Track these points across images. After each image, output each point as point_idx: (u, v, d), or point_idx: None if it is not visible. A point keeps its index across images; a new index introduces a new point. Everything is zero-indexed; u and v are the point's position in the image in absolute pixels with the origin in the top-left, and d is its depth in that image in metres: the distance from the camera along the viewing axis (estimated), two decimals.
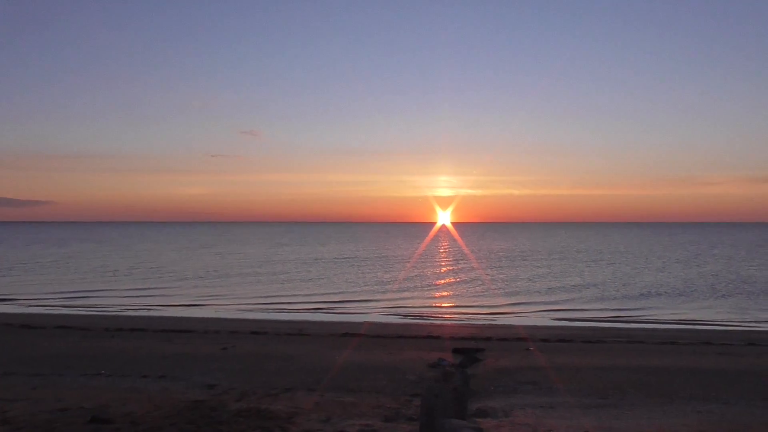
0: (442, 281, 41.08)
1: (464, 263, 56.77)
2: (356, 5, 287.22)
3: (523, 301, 30.97)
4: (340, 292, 34.14)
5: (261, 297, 32.06)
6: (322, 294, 33.49)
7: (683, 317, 25.68)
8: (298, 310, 27.48)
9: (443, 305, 30.13)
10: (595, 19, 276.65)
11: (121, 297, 31.81)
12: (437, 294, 34.40)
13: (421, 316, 25.79)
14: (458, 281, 40.76)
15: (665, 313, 26.95)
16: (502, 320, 24.47)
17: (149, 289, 35.45)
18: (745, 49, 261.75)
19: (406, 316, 25.92)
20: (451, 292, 35.07)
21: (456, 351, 14.64)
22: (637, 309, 28.12)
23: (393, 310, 27.44)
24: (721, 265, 53.23)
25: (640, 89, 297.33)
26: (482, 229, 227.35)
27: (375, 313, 26.61)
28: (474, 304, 30.04)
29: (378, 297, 32.03)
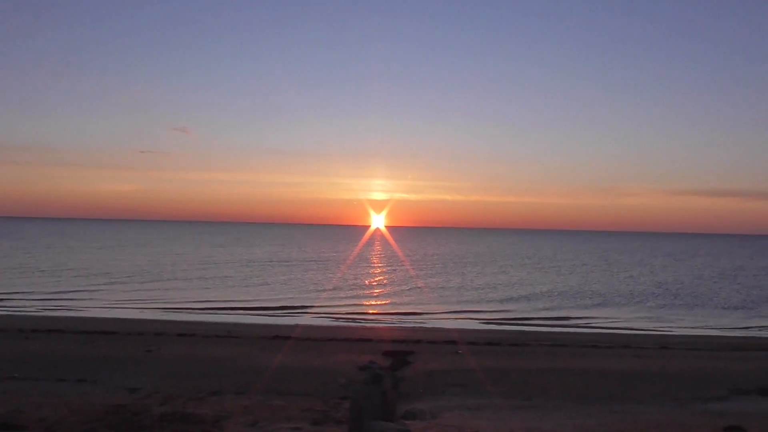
0: (375, 284, 41.25)
1: (397, 267, 57.21)
2: (292, 3, 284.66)
3: (454, 304, 31.51)
4: (272, 295, 33.69)
5: (190, 298, 31.20)
6: (254, 296, 32.94)
7: (603, 322, 26.82)
8: (228, 312, 26.93)
9: (375, 308, 30.24)
10: (526, 27, 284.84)
11: (40, 298, 30.14)
12: (370, 297, 34.51)
13: (353, 319, 25.80)
14: (391, 284, 41.03)
15: (587, 317, 28.06)
16: (432, 323, 24.80)
17: (72, 291, 33.46)
18: (662, 76, 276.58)
19: (338, 318, 25.87)
20: (383, 296, 35.27)
21: (386, 354, 14.73)
22: (561, 313, 29.15)
23: (325, 313, 27.33)
24: (639, 272, 55.95)
25: (568, 103, 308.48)
26: (416, 234, 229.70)
27: (307, 315, 26.43)
28: (405, 307, 30.31)
29: (310, 300, 31.81)
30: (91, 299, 30.07)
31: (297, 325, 21.86)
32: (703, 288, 42.81)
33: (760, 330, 25.59)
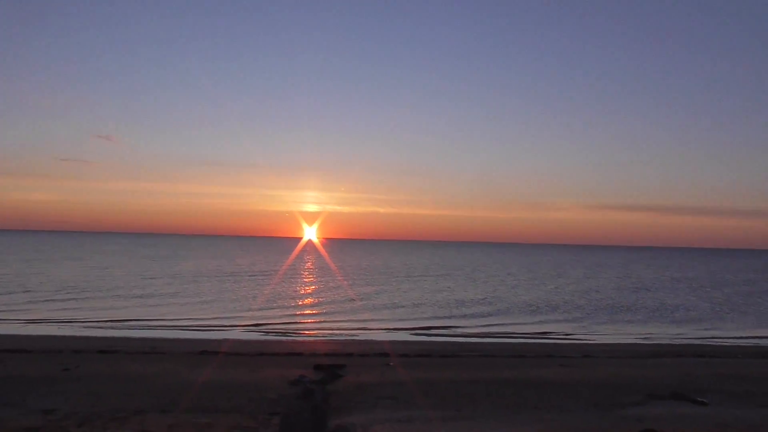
0: (306, 297, 40.86)
1: (329, 279, 56.92)
2: (225, 11, 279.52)
3: (386, 316, 31.63)
4: (200, 309, 32.79)
5: (113, 313, 29.91)
6: (182, 310, 31.96)
7: (530, 332, 27.60)
8: (153, 328, 25.97)
9: (306, 321, 29.94)
10: (458, 41, 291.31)
11: None
12: (301, 310, 34.14)
13: (283, 333, 25.44)
14: (322, 297, 40.75)
15: (515, 327, 28.80)
16: (364, 336, 24.79)
17: None
18: (583, 99, 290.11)
19: (268, 332, 25.44)
20: (315, 308, 34.97)
21: (317, 367, 14.60)
22: (491, 324, 29.80)
23: (255, 327, 26.82)
24: (564, 283, 58.00)
25: (498, 120, 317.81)
26: (348, 246, 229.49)
27: (236, 330, 25.85)
28: (337, 319, 30.18)
29: (240, 313, 31.16)
30: (3, 317, 28.33)
31: (226, 340, 21.36)
32: (622, 298, 44.81)
33: (672, 337, 26.99)
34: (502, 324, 29.91)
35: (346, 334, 25.32)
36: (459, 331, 27.44)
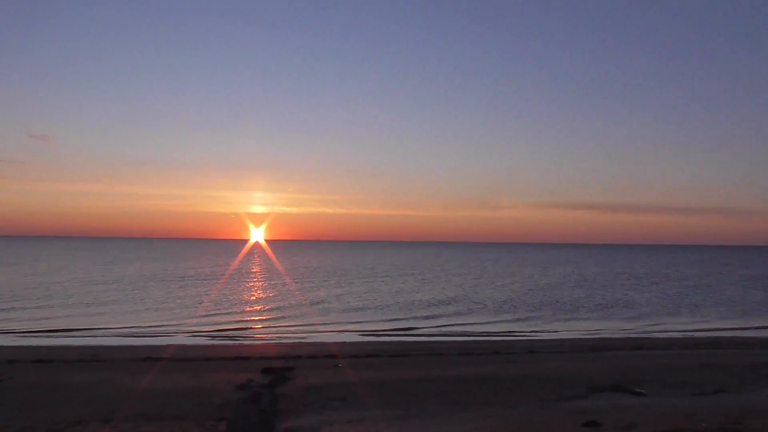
0: (254, 300, 40.30)
1: (277, 281, 56.31)
2: (169, 6, 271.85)
3: (335, 317, 31.53)
4: (144, 314, 31.88)
5: (51, 321, 28.73)
6: (125, 316, 30.99)
7: (478, 329, 28.03)
8: (94, 335, 25.08)
9: (254, 325, 29.52)
10: (406, 39, 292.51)
11: None
12: (248, 313, 33.64)
13: (230, 337, 25.01)
14: (270, 299, 40.28)
15: (463, 325, 29.19)
16: (312, 338, 24.64)
17: None
18: (528, 102, 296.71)
19: (214, 337, 24.96)
20: (262, 311, 34.51)
21: (265, 371, 14.43)
22: (439, 322, 30.10)
23: (201, 332, 26.26)
24: (510, 281, 59.20)
25: (446, 120, 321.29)
26: (296, 247, 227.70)
27: (181, 335, 25.25)
28: (286, 322, 29.88)
29: (186, 318, 30.45)
30: None
31: (170, 345, 20.83)
32: (566, 294, 46.05)
33: (613, 332, 27.91)
34: (451, 323, 30.26)
35: (295, 337, 25.10)
36: (408, 330, 27.61)
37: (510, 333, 27.02)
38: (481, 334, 26.76)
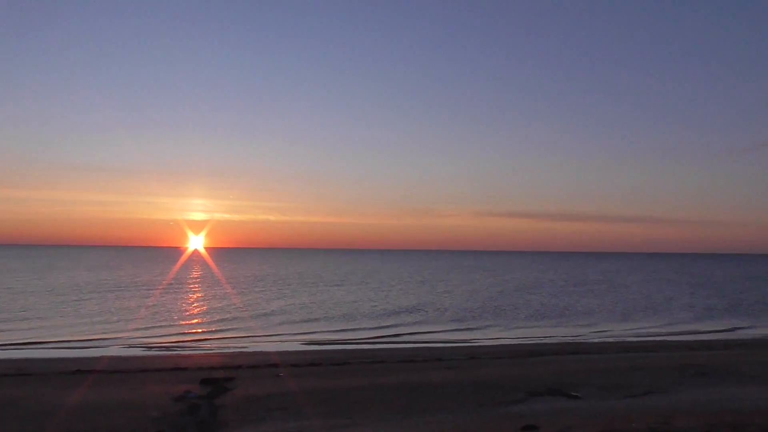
0: (192, 309, 39.33)
1: (217, 290, 55.15)
2: (104, 7, 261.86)
3: (277, 326, 31.13)
4: (77, 325, 30.56)
5: None
6: (56, 327, 29.62)
7: (421, 336, 28.24)
8: (20, 347, 23.86)
9: (193, 334, 28.77)
10: (350, 47, 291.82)
11: None
12: (187, 323, 32.78)
13: (167, 347, 24.29)
14: (210, 308, 39.39)
15: (406, 333, 29.35)
16: (253, 347, 24.24)
17: None
18: (468, 108, 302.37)
19: (151, 347, 24.18)
20: (201, 321, 33.71)
21: (204, 382, 14.09)
22: (382, 330, 30.16)
23: (136, 342, 25.41)
24: (453, 287, 59.98)
25: (386, 127, 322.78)
26: (238, 255, 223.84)
27: (116, 346, 24.36)
28: (226, 332, 29.27)
29: (121, 328, 29.40)
30: None
31: (103, 357, 20.06)
32: (506, 300, 47.03)
33: (551, 337, 28.67)
34: (394, 330, 30.37)
35: (235, 347, 24.63)
36: (351, 339, 27.54)
37: (452, 340, 27.35)
38: (424, 341, 26.97)
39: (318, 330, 30.11)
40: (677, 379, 14.85)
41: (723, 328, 32.65)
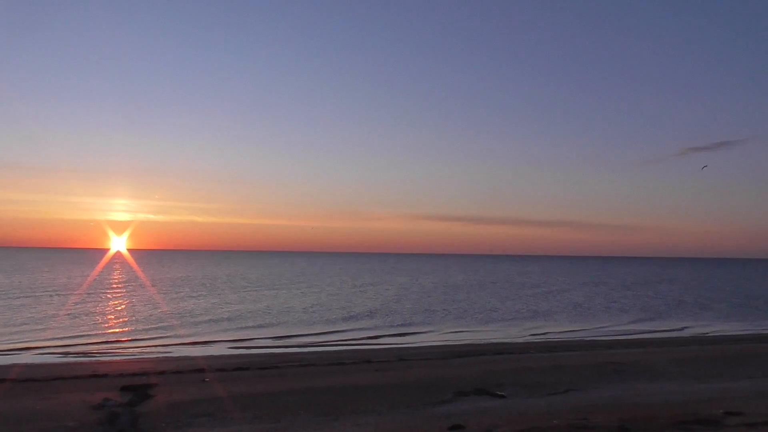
0: (113, 313, 37.76)
1: (140, 293, 53.20)
2: (22, 2, 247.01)
3: (203, 330, 30.35)
4: None
5: None
6: None
7: (350, 338, 28.25)
8: None
9: (114, 340, 27.62)
10: (282, 48, 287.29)
11: None
12: (107, 327, 31.44)
13: (85, 354, 23.21)
14: (132, 312, 37.94)
15: (335, 334, 29.28)
16: (178, 352, 23.53)
17: None
18: (407, 111, 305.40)
19: (67, 354, 23.04)
20: (123, 325, 32.41)
21: (125, 389, 13.56)
22: (311, 332, 29.96)
23: (52, 349, 24.14)
24: (383, 290, 60.34)
25: (317, 129, 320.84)
26: (163, 257, 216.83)
27: (28, 353, 23.05)
28: (148, 336, 28.28)
29: (35, 335, 27.85)
30: None
31: (15, 366, 18.94)
32: (434, 301, 47.74)
33: (477, 338, 29.33)
34: (323, 332, 30.23)
35: (159, 351, 23.83)
36: (279, 341, 27.21)
37: (381, 341, 27.50)
38: (353, 342, 26.99)
39: (246, 333, 29.57)
40: (595, 376, 15.53)
41: (637, 328, 34.39)
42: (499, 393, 13.24)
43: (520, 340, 28.29)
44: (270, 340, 27.44)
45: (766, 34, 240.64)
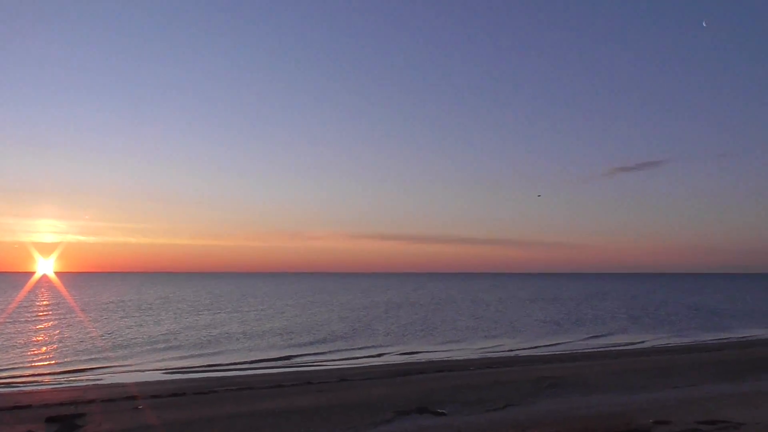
0: (39, 339, 35.87)
1: (69, 317, 50.77)
2: None
3: (135, 356, 29.22)
4: None
5: None
6: None
7: (290, 360, 27.81)
8: None
9: (38, 368, 26.21)
10: (216, 61, 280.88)
11: None
12: (31, 355, 29.81)
13: (7, 384, 21.90)
14: (59, 338, 36.14)
15: (275, 358, 28.76)
16: (109, 379, 22.55)
17: None
18: (343, 128, 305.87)
19: None
20: (49, 352, 30.81)
21: (50, 420, 12.86)
22: (249, 356, 29.33)
23: None
24: (325, 310, 59.81)
25: (253, 147, 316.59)
26: (95, 280, 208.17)
27: None
28: (77, 363, 26.97)
29: None
30: None
31: None
32: (376, 320, 47.67)
33: (419, 356, 29.46)
34: (263, 355, 29.65)
35: (88, 379, 22.76)
36: (217, 365, 26.50)
37: (322, 362, 27.21)
38: (293, 364, 26.60)
39: (182, 358, 28.67)
40: (533, 391, 15.84)
41: (572, 342, 35.39)
42: (440, 411, 13.31)
43: (460, 357, 28.57)
44: (207, 364, 26.69)
45: (687, 62, 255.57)
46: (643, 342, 35.59)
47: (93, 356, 29.02)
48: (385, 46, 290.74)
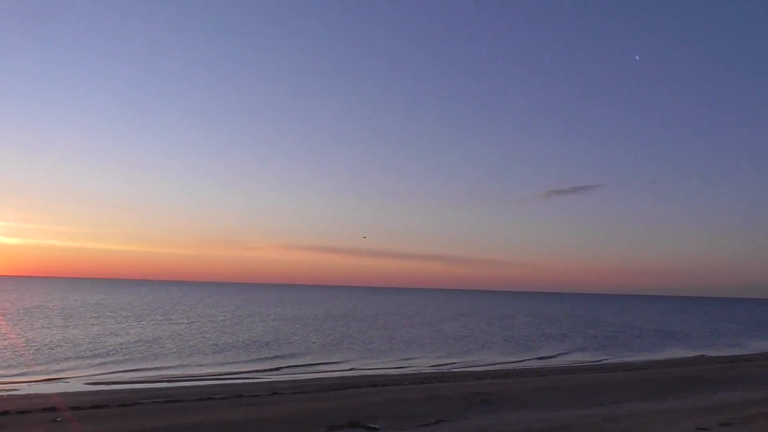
0: None
1: None
2: None
3: (55, 365, 27.82)
4: None
5: None
6: None
7: (219, 372, 27.13)
8: None
9: None
10: (156, 64, 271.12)
11: None
12: None
13: None
14: None
15: (204, 369, 28.00)
16: (26, 389, 21.38)
17: None
18: (286, 138, 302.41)
19: None
20: None
21: None
22: (178, 366, 28.46)
23: None
24: (257, 320, 58.78)
25: (192, 154, 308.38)
26: (16, 284, 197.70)
27: None
28: None
29: None
30: None
31: None
32: (309, 333, 47.17)
33: (352, 370, 29.33)
34: (192, 366, 28.82)
35: (3, 389, 21.48)
36: (144, 376, 25.56)
37: (253, 375, 26.68)
38: (224, 377, 25.96)
39: (107, 367, 27.52)
40: (465, 407, 16.03)
41: (504, 359, 36.04)
42: (373, 426, 13.27)
43: (394, 372, 28.61)
44: (133, 375, 25.71)
45: (621, 93, 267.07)
46: (571, 360, 36.61)
47: (10, 364, 27.46)
48: (337, 54, 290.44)
